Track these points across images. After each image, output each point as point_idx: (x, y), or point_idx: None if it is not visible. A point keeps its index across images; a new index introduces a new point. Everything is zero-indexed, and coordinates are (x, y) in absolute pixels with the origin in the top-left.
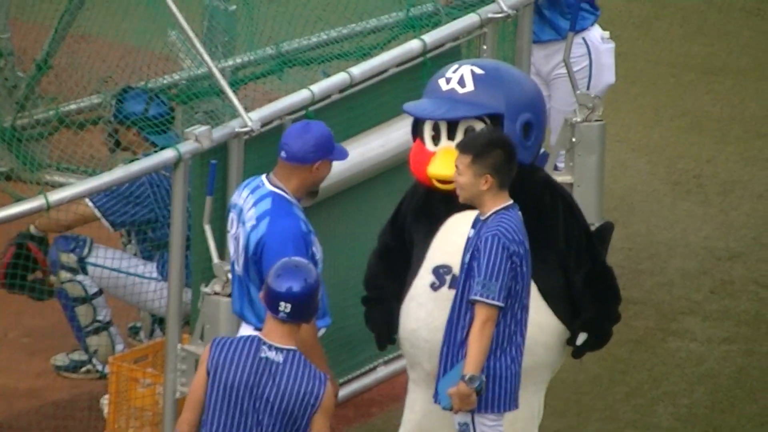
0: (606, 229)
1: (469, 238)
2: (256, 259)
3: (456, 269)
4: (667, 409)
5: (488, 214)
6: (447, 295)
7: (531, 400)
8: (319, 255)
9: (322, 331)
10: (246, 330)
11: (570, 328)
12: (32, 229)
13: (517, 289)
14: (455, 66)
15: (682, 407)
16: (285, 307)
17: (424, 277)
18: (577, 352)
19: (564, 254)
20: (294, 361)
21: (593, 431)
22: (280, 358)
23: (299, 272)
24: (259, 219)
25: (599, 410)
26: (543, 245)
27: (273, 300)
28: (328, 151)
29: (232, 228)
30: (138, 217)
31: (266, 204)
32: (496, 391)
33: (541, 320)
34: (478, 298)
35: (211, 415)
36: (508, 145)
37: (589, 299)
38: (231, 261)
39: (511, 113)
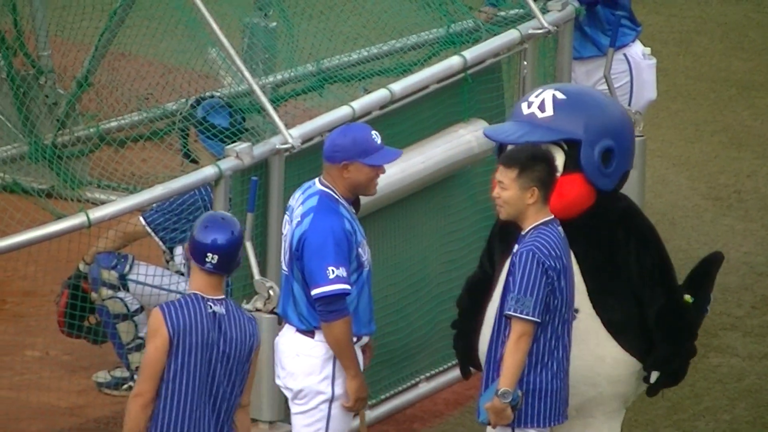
0: (712, 262)
1: (512, 255)
2: (298, 255)
3: None
4: (709, 425)
5: (528, 229)
6: None
7: (600, 428)
8: (366, 257)
9: (365, 339)
10: (287, 332)
11: (644, 364)
12: (82, 267)
13: (555, 305)
14: (539, 90)
15: (723, 422)
16: (212, 258)
17: (495, 300)
18: (652, 390)
19: (639, 288)
20: (232, 310)
21: None
22: (222, 309)
23: (226, 225)
24: (304, 216)
25: (641, 426)
26: (614, 278)
27: (200, 252)
28: (357, 153)
29: (285, 230)
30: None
31: (312, 201)
32: (536, 406)
33: (604, 353)
34: (512, 313)
35: (177, 381)
36: (550, 159)
37: (661, 336)
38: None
39: (590, 139)
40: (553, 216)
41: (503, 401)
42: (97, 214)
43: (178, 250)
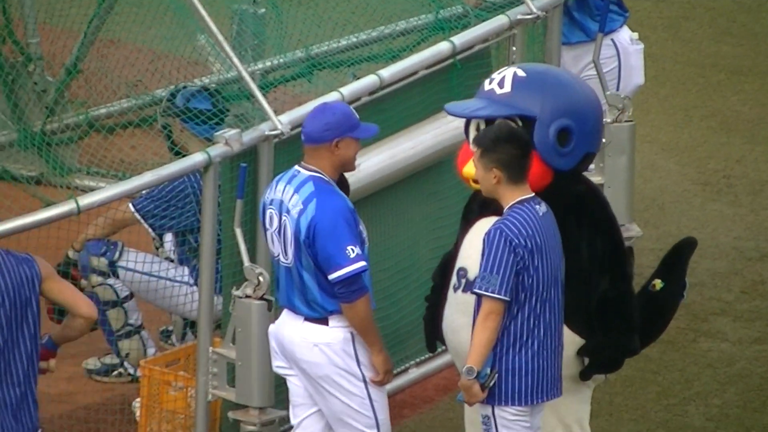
0: (684, 247)
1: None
2: (310, 242)
3: (470, 272)
4: (699, 409)
5: (505, 208)
6: (462, 297)
7: (557, 408)
8: (365, 233)
9: None
10: (294, 322)
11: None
12: (71, 254)
13: (530, 283)
14: (504, 68)
15: (714, 407)
16: None
17: (452, 279)
18: (583, 374)
19: (588, 273)
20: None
21: None
22: None
23: None
24: (306, 203)
25: (631, 410)
26: (567, 261)
27: None
28: (347, 128)
29: (272, 224)
30: (181, 223)
31: (309, 187)
32: (516, 385)
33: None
34: (477, 290)
35: None
36: (517, 140)
37: (597, 324)
38: (274, 257)
39: (546, 117)
40: (532, 194)
41: (468, 378)
42: (86, 201)
43: (168, 237)
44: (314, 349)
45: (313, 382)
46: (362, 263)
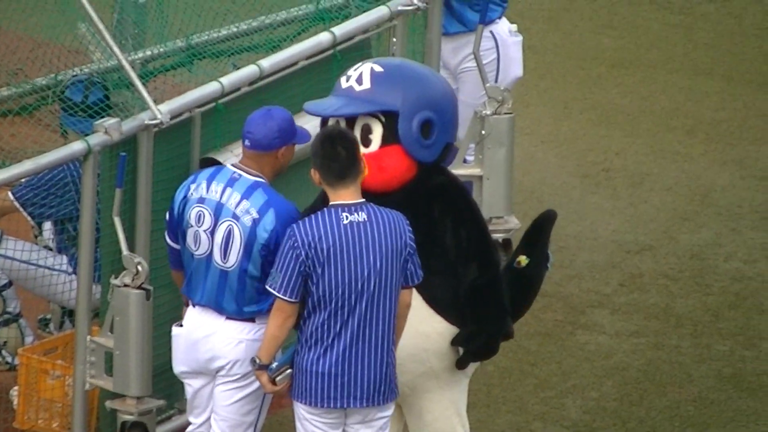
0: (544, 219)
1: None
2: (269, 251)
3: None
4: (576, 402)
5: None
6: None
7: (440, 401)
8: None
9: None
10: (214, 322)
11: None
12: None
13: (315, 289)
14: (359, 64)
15: (591, 400)
16: None
17: None
18: (459, 363)
19: (455, 264)
20: None
21: (502, 423)
22: None
23: None
24: (261, 212)
25: (509, 402)
26: (433, 255)
27: None
28: (292, 135)
29: (201, 223)
30: (60, 211)
31: (261, 195)
32: (303, 384)
33: (428, 329)
34: (266, 286)
35: None
36: (331, 141)
37: (468, 312)
38: (194, 254)
39: (408, 111)
40: (352, 201)
41: (253, 368)
42: None
43: (47, 225)
44: (239, 345)
45: (221, 381)
46: None
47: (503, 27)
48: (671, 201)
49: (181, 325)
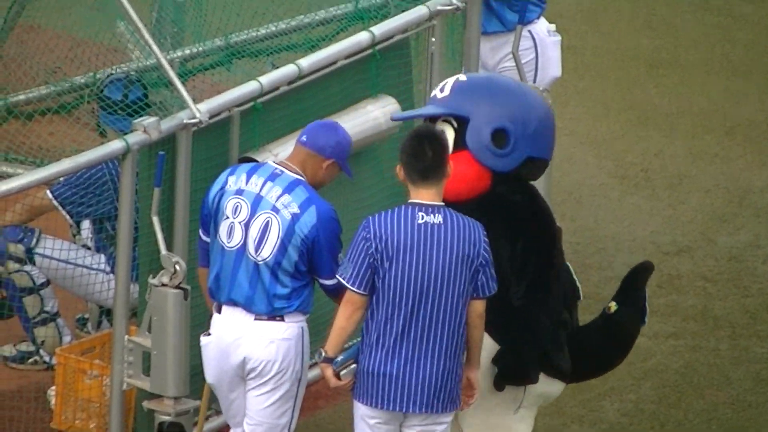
0: (638, 272)
1: None
2: (308, 248)
3: None
4: (614, 405)
5: None
6: None
7: (482, 426)
8: None
9: None
10: (244, 320)
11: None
12: None
13: (380, 285)
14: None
15: (629, 402)
16: None
17: None
18: (495, 381)
19: (508, 279)
20: None
21: (540, 427)
22: None
23: None
24: (303, 208)
25: (546, 405)
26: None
27: None
28: (344, 155)
29: (237, 215)
30: (98, 210)
31: (302, 191)
32: (363, 382)
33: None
34: (337, 275)
35: None
36: (419, 139)
37: (504, 332)
38: (225, 246)
39: (481, 118)
40: (433, 202)
41: (318, 360)
42: (3, 187)
43: (85, 224)
44: (270, 346)
45: (253, 385)
46: None
47: (542, 27)
48: (709, 202)
49: (209, 334)
